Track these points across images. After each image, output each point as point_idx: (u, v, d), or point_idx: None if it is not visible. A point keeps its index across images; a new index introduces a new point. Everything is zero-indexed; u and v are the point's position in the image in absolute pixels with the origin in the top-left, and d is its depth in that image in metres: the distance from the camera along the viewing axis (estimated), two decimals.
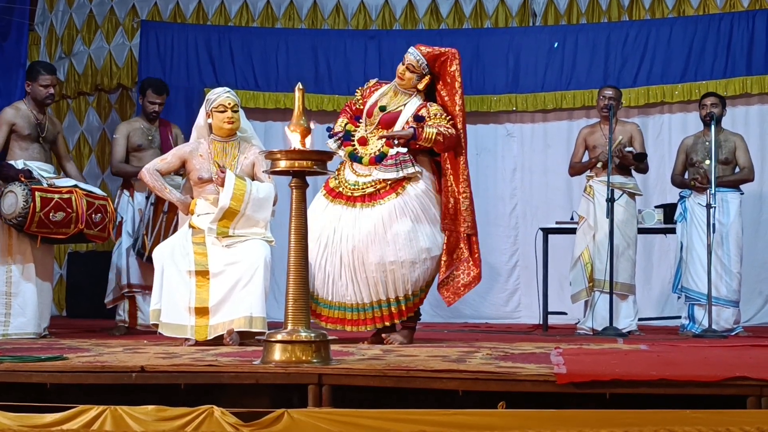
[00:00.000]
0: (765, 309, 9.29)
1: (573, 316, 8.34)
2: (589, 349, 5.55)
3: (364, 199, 5.95)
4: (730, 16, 9.52)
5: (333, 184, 6.09)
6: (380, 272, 5.86)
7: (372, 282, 5.88)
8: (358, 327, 5.98)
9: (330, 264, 5.92)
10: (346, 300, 5.94)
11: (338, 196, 6.02)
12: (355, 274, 5.89)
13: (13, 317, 6.66)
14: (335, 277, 5.93)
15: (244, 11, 10.34)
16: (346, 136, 6.15)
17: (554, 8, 10.18)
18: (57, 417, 3.81)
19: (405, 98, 6.15)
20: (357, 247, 5.87)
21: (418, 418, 3.69)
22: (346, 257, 5.88)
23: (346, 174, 6.08)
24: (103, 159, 10.32)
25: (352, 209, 5.95)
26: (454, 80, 6.15)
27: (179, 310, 5.85)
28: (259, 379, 4.12)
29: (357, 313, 5.96)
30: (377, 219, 5.89)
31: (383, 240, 5.87)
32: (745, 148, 7.83)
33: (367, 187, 5.97)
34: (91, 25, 10.35)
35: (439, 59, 6.15)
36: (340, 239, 5.91)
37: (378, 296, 5.91)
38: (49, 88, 6.90)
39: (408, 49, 6.16)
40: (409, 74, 6.09)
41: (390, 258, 5.86)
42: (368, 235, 5.87)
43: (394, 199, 5.93)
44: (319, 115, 9.88)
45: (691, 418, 3.56)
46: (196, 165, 6.20)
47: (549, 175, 9.87)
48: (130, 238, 7.41)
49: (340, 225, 5.93)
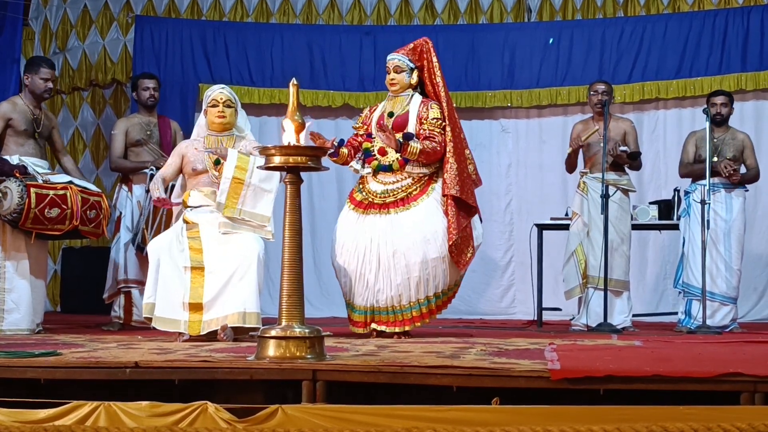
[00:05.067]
0: (759, 305, 9.31)
1: (567, 312, 8.34)
2: (583, 345, 5.56)
3: (397, 204, 6.28)
4: (725, 13, 9.52)
5: (360, 198, 6.41)
6: (424, 270, 6.16)
7: (414, 282, 6.17)
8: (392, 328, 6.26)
9: (369, 271, 6.23)
10: (381, 304, 6.24)
11: (369, 206, 6.33)
12: (396, 276, 6.17)
13: (7, 313, 6.65)
14: (371, 284, 6.22)
15: (239, 6, 10.32)
16: (367, 154, 6.43)
17: (549, 4, 10.18)
18: (51, 413, 3.80)
19: (406, 99, 6.46)
20: (398, 250, 6.17)
21: (413, 414, 3.69)
22: (386, 262, 6.19)
23: (372, 186, 6.39)
24: (98, 154, 10.30)
25: (386, 216, 6.26)
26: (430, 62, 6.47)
27: (173, 304, 5.86)
28: (254, 375, 4.12)
29: (393, 315, 6.25)
30: (415, 220, 6.21)
31: (424, 239, 6.17)
32: (752, 147, 7.82)
33: (398, 192, 6.30)
34: (85, 20, 10.33)
35: (416, 51, 6.48)
36: (378, 246, 6.21)
37: (418, 295, 6.21)
38: (48, 82, 6.90)
39: (387, 59, 6.51)
40: (399, 75, 6.42)
41: (432, 255, 6.17)
42: (408, 237, 6.17)
43: (426, 199, 6.28)
44: (314, 111, 9.89)
45: (685, 414, 3.56)
46: (191, 157, 6.28)
47: (544, 171, 9.87)
48: (129, 232, 7.42)
49: (377, 233, 6.23)
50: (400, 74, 6.41)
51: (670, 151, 9.45)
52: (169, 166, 6.38)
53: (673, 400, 3.74)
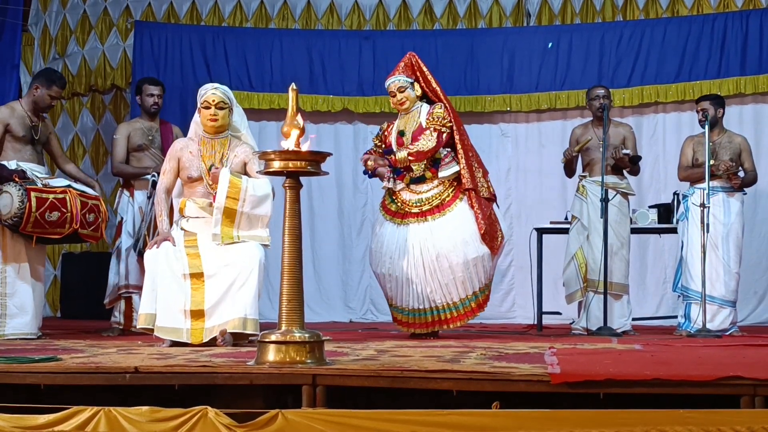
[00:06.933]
0: (759, 309, 9.31)
1: (567, 316, 8.34)
2: (583, 349, 5.55)
3: (433, 212, 6.79)
4: (724, 16, 9.53)
5: (395, 208, 6.93)
6: (466, 270, 6.69)
7: (459, 281, 6.69)
8: (454, 323, 6.81)
9: (417, 277, 6.72)
10: (437, 303, 6.74)
11: (406, 215, 6.85)
12: (443, 277, 6.69)
13: (9, 318, 6.65)
14: (423, 287, 6.72)
15: (238, 11, 10.33)
16: (397, 172, 6.91)
17: (548, 8, 10.19)
18: (51, 418, 3.81)
19: (416, 113, 6.95)
20: (441, 253, 6.68)
21: (413, 419, 3.69)
22: (431, 265, 6.69)
23: (405, 195, 6.90)
24: (98, 159, 10.31)
25: (425, 223, 6.78)
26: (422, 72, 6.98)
27: (174, 313, 5.82)
28: (254, 380, 4.11)
29: (450, 312, 6.77)
30: (452, 224, 6.73)
31: (463, 241, 6.70)
32: (749, 150, 7.82)
33: (433, 200, 6.82)
34: (84, 26, 10.34)
35: (407, 67, 6.97)
36: (421, 251, 6.71)
37: (468, 291, 6.74)
38: (54, 100, 6.90)
39: (385, 85, 7.01)
40: (404, 93, 6.91)
41: (472, 255, 6.70)
42: (449, 240, 6.69)
43: (459, 204, 6.80)
44: (313, 116, 9.89)
45: (684, 417, 3.57)
46: (186, 163, 6.18)
47: (543, 175, 9.88)
48: (131, 238, 7.40)
49: (418, 240, 6.74)
50: (405, 92, 6.89)
51: (669, 154, 9.45)
52: (168, 172, 6.24)
53: (673, 404, 3.74)
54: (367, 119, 10.00)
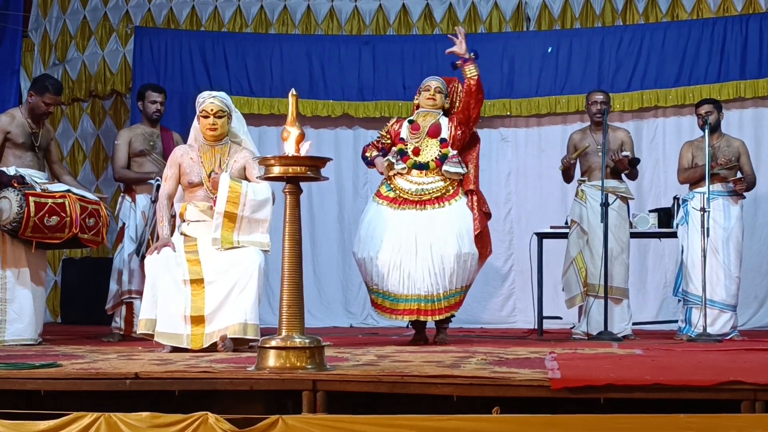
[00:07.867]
0: (760, 313, 9.31)
1: (568, 321, 8.34)
2: (583, 354, 5.55)
3: (432, 202, 6.81)
4: (724, 21, 9.53)
5: (392, 195, 6.90)
6: (458, 263, 6.68)
7: (448, 272, 6.67)
8: (433, 316, 6.73)
9: (407, 262, 6.68)
10: (422, 292, 6.67)
11: (404, 202, 6.85)
12: (434, 266, 6.66)
13: (9, 323, 6.64)
14: (411, 272, 6.67)
15: (238, 17, 10.34)
16: (402, 153, 6.94)
17: (548, 13, 10.19)
18: (51, 424, 3.81)
19: (437, 116, 7.02)
20: (436, 243, 6.68)
21: (413, 424, 3.69)
22: (424, 252, 6.66)
23: (402, 183, 6.89)
24: (98, 165, 10.32)
25: (424, 211, 6.79)
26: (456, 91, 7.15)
27: (174, 318, 5.82)
28: (254, 386, 4.12)
29: (432, 304, 6.70)
30: (451, 217, 6.77)
31: (459, 234, 6.73)
32: (747, 154, 7.82)
33: (433, 192, 6.83)
34: (84, 32, 10.35)
35: (448, 81, 7.13)
36: (416, 238, 6.69)
37: (453, 285, 6.70)
38: (50, 107, 6.88)
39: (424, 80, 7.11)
40: (440, 95, 7.02)
41: (465, 249, 6.71)
42: (446, 232, 6.70)
43: (459, 200, 6.86)
44: (313, 121, 9.90)
45: (685, 422, 3.56)
46: (186, 169, 6.21)
47: (543, 179, 9.87)
48: (133, 243, 7.40)
49: (414, 226, 6.73)
50: (440, 94, 7.02)
51: (669, 159, 9.45)
52: (170, 179, 6.26)
53: (674, 409, 3.74)
54: (367, 124, 9.99)
